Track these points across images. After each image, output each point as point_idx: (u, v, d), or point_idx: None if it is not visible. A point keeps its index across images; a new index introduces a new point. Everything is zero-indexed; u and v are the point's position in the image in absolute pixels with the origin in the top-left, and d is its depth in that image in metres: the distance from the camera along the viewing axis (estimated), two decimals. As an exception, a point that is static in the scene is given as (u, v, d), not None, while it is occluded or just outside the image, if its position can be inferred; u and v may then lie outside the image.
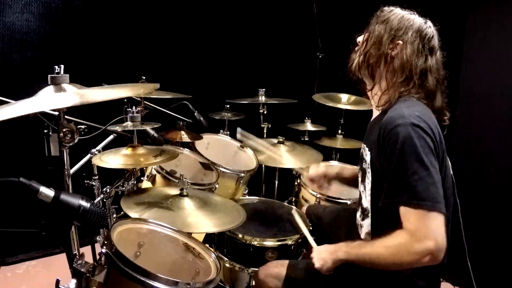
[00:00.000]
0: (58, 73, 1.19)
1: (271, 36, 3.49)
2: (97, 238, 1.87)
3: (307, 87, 3.16)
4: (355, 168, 1.89)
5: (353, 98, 2.81)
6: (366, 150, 1.40)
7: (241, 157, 2.55)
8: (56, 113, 1.19)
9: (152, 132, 1.96)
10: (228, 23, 3.34)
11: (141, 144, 1.81)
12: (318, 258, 1.37)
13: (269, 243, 1.81)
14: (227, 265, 1.86)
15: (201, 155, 2.29)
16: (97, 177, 1.90)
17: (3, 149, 2.44)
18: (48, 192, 1.05)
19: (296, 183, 2.55)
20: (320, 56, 3.11)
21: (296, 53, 3.46)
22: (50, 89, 1.19)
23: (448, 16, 2.43)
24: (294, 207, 2.13)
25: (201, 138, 2.39)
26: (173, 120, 2.35)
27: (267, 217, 2.07)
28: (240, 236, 1.82)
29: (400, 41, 1.32)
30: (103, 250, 1.25)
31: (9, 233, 2.16)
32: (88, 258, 1.32)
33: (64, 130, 1.15)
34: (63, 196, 1.07)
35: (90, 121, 1.59)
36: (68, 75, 1.22)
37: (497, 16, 2.34)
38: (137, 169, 1.93)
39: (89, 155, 1.86)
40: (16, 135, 2.42)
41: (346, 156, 2.78)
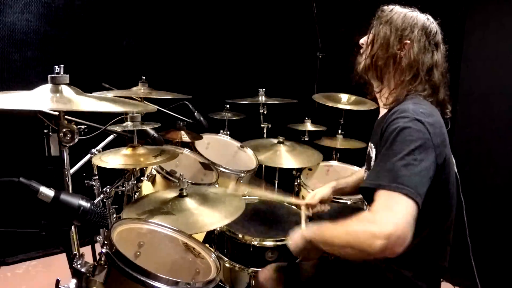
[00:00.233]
0: (58, 73, 1.19)
1: (271, 36, 3.49)
2: (97, 238, 1.87)
3: (307, 87, 3.16)
4: (351, 175, 1.87)
5: (353, 98, 2.81)
6: (372, 148, 1.40)
7: (241, 157, 2.55)
8: (56, 113, 1.18)
9: (152, 132, 1.96)
10: (228, 23, 3.34)
11: (141, 144, 1.81)
12: (292, 239, 1.38)
13: (269, 243, 1.81)
14: (227, 265, 1.86)
15: (201, 155, 2.29)
16: (97, 177, 1.90)
17: (3, 149, 2.44)
18: (48, 192, 1.05)
19: (296, 183, 2.55)
20: (320, 56, 3.11)
21: (296, 53, 3.46)
22: (47, 88, 1.18)
23: (448, 16, 2.43)
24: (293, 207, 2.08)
25: (201, 138, 2.39)
26: (173, 120, 2.35)
27: (267, 217, 2.07)
28: (240, 236, 1.82)
29: (408, 41, 1.32)
30: (103, 250, 1.25)
31: (9, 233, 2.17)
32: (88, 258, 1.32)
33: (64, 130, 1.15)
34: (63, 196, 1.07)
35: (90, 121, 1.58)
36: (68, 75, 1.22)
37: (497, 16, 2.34)
38: (137, 169, 1.93)
39: (89, 155, 1.86)
40: (16, 135, 2.42)
41: (346, 156, 2.78)
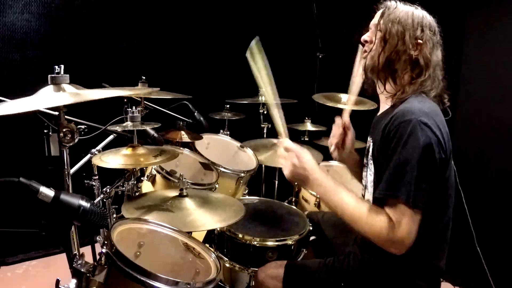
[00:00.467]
0: (58, 73, 1.19)
1: (271, 36, 3.48)
2: (97, 238, 1.86)
3: (307, 87, 3.16)
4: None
5: (353, 98, 2.80)
6: (371, 143, 1.41)
7: (241, 157, 2.55)
8: (56, 113, 1.18)
9: (152, 132, 1.95)
10: (228, 23, 3.34)
11: (141, 144, 1.81)
12: (290, 170, 1.33)
13: (269, 243, 1.80)
14: (227, 265, 1.86)
15: (201, 155, 2.29)
16: (97, 177, 1.90)
17: (3, 149, 2.44)
18: (48, 192, 1.05)
19: (296, 183, 2.55)
20: (320, 56, 3.11)
21: (296, 53, 3.46)
22: (50, 88, 1.19)
23: (448, 16, 2.43)
24: None
25: (201, 138, 2.39)
26: (173, 120, 2.35)
27: (267, 217, 2.06)
28: (240, 236, 1.82)
29: (420, 40, 1.33)
30: (103, 250, 1.25)
31: (9, 233, 2.17)
32: (88, 258, 1.31)
33: (64, 130, 1.15)
34: (63, 196, 1.07)
35: (90, 121, 1.59)
36: (68, 75, 1.22)
37: (497, 16, 2.34)
38: (137, 169, 1.93)
39: (89, 155, 1.86)
40: (16, 135, 2.42)
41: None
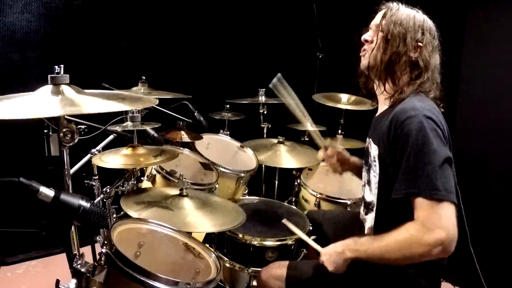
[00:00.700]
0: (58, 73, 1.19)
1: (271, 36, 3.49)
2: (97, 238, 1.87)
3: (307, 87, 3.15)
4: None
5: (353, 98, 2.81)
6: (372, 144, 1.40)
7: (241, 157, 2.55)
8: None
9: (152, 132, 1.95)
10: (228, 23, 3.34)
11: (141, 144, 1.81)
12: (329, 262, 1.33)
13: (269, 243, 1.81)
14: (227, 265, 1.86)
15: (201, 155, 2.29)
16: (97, 177, 1.90)
17: (3, 149, 2.44)
18: (48, 192, 1.05)
19: (296, 183, 2.55)
20: (320, 56, 3.11)
21: (296, 53, 3.46)
22: (48, 90, 1.18)
23: (448, 16, 2.43)
24: (285, 218, 1.80)
25: (201, 138, 2.39)
26: (173, 120, 2.35)
27: (267, 217, 2.07)
28: (240, 236, 1.82)
29: (420, 43, 1.34)
30: (103, 250, 1.25)
31: (9, 233, 2.16)
32: (88, 258, 1.32)
33: (64, 130, 1.15)
34: (63, 196, 1.07)
35: (90, 121, 1.58)
36: (68, 75, 1.22)
37: (497, 16, 2.34)
38: (137, 169, 1.93)
39: (89, 155, 1.86)
40: (16, 135, 2.41)
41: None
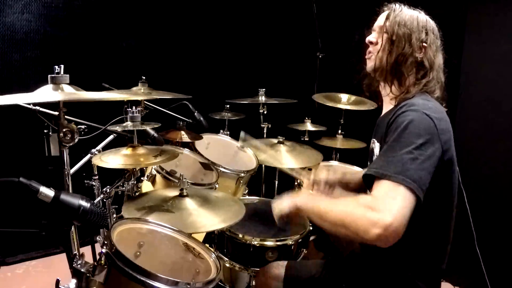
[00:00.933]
0: (58, 73, 1.19)
1: (271, 36, 3.49)
2: (97, 238, 1.87)
3: (307, 87, 3.16)
4: (357, 172, 1.87)
5: (353, 98, 2.81)
6: (376, 143, 1.41)
7: (241, 157, 2.55)
8: (56, 113, 1.18)
9: (152, 132, 1.95)
10: (228, 23, 3.34)
11: (141, 144, 1.81)
12: (278, 202, 1.39)
13: (269, 243, 1.81)
14: (227, 265, 1.86)
15: (201, 155, 2.29)
16: (97, 177, 1.90)
17: (3, 149, 2.44)
18: (48, 192, 1.05)
19: (296, 183, 2.55)
20: (320, 56, 3.11)
21: (296, 53, 3.46)
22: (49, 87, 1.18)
23: (449, 16, 2.43)
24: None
25: (201, 138, 2.39)
26: (173, 120, 2.35)
27: (267, 217, 2.06)
28: (240, 236, 1.82)
29: (425, 44, 1.35)
30: (103, 250, 1.25)
31: (9, 233, 2.17)
32: (88, 258, 1.32)
33: (64, 130, 1.15)
34: (63, 196, 1.07)
35: (90, 121, 1.59)
36: (68, 75, 1.22)
37: (497, 16, 2.34)
38: (137, 169, 1.93)
39: (89, 155, 1.86)
40: (16, 135, 2.42)
41: (346, 156, 2.78)
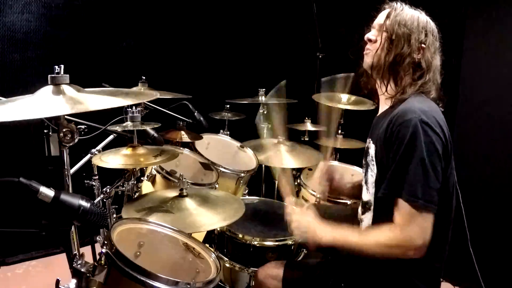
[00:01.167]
0: (58, 73, 1.19)
1: (271, 36, 3.49)
2: (97, 238, 1.87)
3: (307, 87, 3.16)
4: (354, 177, 1.87)
5: (353, 98, 2.80)
6: (371, 144, 1.41)
7: (241, 157, 2.55)
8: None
9: (152, 132, 1.96)
10: (228, 23, 3.34)
11: (141, 144, 1.81)
12: (299, 232, 1.37)
13: (269, 243, 1.81)
14: (227, 265, 1.86)
15: (201, 155, 2.29)
16: (97, 177, 1.90)
17: (3, 149, 2.44)
18: (48, 192, 1.05)
19: (296, 183, 2.55)
20: (320, 56, 3.11)
21: (296, 53, 3.46)
22: (49, 89, 1.18)
23: (448, 16, 2.43)
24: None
25: (201, 138, 2.39)
26: (173, 120, 2.35)
27: (267, 217, 2.07)
28: (240, 236, 1.82)
29: (423, 45, 1.35)
30: (103, 250, 1.25)
31: (9, 233, 2.16)
32: (88, 258, 1.31)
33: (64, 130, 1.15)
34: (63, 196, 1.07)
35: (90, 121, 1.58)
36: (68, 75, 1.21)
37: (497, 15, 2.34)
38: (137, 169, 1.93)
39: (89, 155, 1.86)
40: (16, 135, 2.41)
41: (346, 156, 2.77)
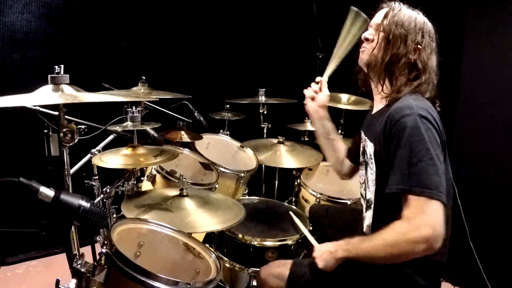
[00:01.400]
0: (58, 73, 1.19)
1: (271, 36, 3.49)
2: (97, 238, 1.87)
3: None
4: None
5: (353, 98, 2.81)
6: (368, 142, 1.41)
7: (241, 157, 2.55)
8: (56, 113, 1.18)
9: (152, 132, 1.96)
10: (228, 23, 3.34)
11: (141, 144, 1.81)
12: (320, 259, 1.37)
13: (269, 243, 1.81)
14: (227, 265, 1.86)
15: (201, 155, 2.29)
16: (97, 177, 1.90)
17: (3, 149, 2.44)
18: (48, 192, 1.05)
19: (296, 183, 2.55)
20: (320, 56, 3.11)
21: (296, 53, 3.46)
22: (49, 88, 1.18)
23: (448, 15, 2.43)
24: (293, 207, 2.16)
25: (201, 138, 2.39)
26: (173, 120, 2.35)
27: (267, 217, 2.07)
28: (240, 236, 1.82)
29: (420, 46, 1.36)
30: (103, 250, 1.25)
31: (9, 233, 2.16)
32: (88, 258, 1.32)
33: (64, 130, 1.15)
34: (63, 196, 1.07)
35: (90, 121, 1.59)
36: (68, 75, 1.22)
37: (497, 15, 2.33)
38: (137, 169, 1.93)
39: (89, 155, 1.86)
40: (16, 135, 2.42)
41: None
